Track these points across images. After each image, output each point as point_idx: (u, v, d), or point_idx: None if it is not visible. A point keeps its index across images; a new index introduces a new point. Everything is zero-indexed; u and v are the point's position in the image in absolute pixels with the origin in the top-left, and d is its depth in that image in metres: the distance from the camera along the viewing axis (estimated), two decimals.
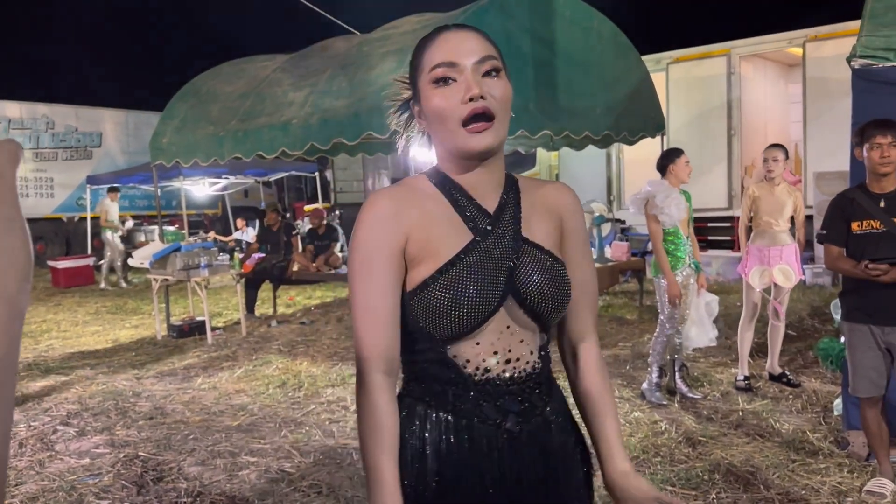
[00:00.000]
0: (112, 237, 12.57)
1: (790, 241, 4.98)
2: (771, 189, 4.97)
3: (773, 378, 5.10)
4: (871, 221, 3.29)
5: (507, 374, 1.25)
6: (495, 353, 1.24)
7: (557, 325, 1.38)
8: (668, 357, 4.98)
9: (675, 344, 4.95)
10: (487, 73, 1.21)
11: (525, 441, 1.26)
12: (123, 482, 3.87)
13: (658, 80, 9.69)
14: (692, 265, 4.84)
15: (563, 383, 1.43)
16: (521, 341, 1.27)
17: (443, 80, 1.20)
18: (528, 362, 1.27)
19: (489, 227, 1.26)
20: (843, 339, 4.20)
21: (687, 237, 4.82)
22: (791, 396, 4.79)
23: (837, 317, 4.91)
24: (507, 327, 1.25)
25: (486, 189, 1.28)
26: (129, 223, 13.61)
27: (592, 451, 1.41)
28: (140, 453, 4.29)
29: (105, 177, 14.87)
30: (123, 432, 4.71)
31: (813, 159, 9.16)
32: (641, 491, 1.28)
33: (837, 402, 4.25)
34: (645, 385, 4.89)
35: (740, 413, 4.50)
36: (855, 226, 3.33)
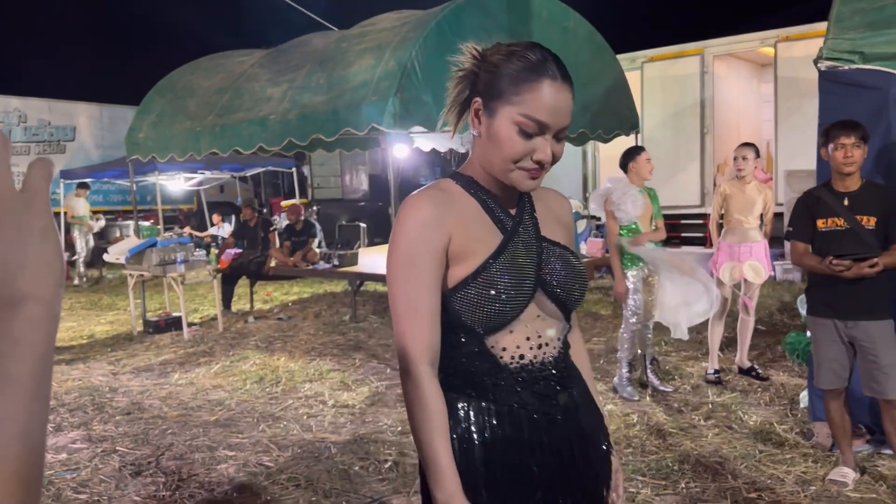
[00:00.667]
0: (78, 234, 12.39)
1: (760, 238, 5.11)
2: (742, 187, 5.09)
3: (743, 371, 5.23)
4: (836, 219, 3.40)
5: (539, 360, 1.37)
6: (528, 338, 1.36)
7: None
8: (640, 351, 5.07)
9: (646, 338, 5.05)
10: (558, 138, 1.31)
11: (561, 422, 1.38)
12: (101, 476, 3.88)
13: (633, 78, 9.82)
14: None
15: None
16: (551, 327, 1.40)
17: (526, 134, 1.27)
18: (555, 347, 1.40)
19: (515, 228, 1.38)
20: (808, 333, 4.32)
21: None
22: (759, 389, 4.92)
23: (803, 311, 5.04)
24: (538, 316, 1.37)
25: (507, 195, 1.40)
26: (101, 222, 13.33)
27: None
28: (118, 448, 4.30)
29: (79, 171, 14.69)
30: (100, 427, 4.71)
31: (784, 158, 9.33)
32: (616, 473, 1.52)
33: (804, 395, 4.38)
34: (616, 380, 4.98)
35: (710, 405, 4.61)
36: (820, 223, 3.44)
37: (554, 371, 1.39)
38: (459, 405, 1.34)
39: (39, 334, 0.51)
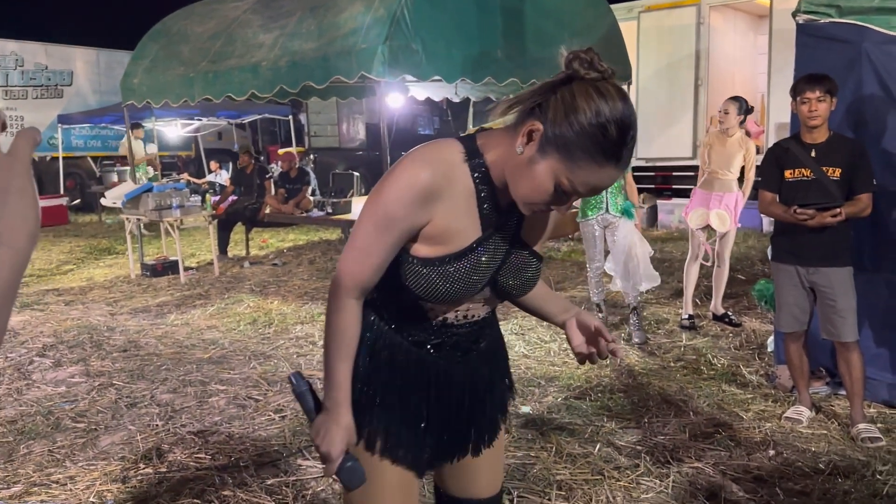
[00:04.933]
0: (143, 178, 12.15)
1: (735, 189, 5.23)
2: (724, 140, 5.20)
3: (717, 318, 5.41)
4: (803, 170, 3.52)
5: (461, 322, 1.50)
6: (457, 310, 1.48)
7: None
8: (626, 301, 5.17)
9: (634, 289, 5.12)
10: None
11: (461, 369, 1.54)
12: (98, 408, 4.10)
13: (629, 28, 9.79)
14: (615, 211, 4.99)
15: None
16: (483, 304, 1.52)
17: (560, 192, 1.28)
18: (481, 315, 1.53)
19: (496, 227, 1.41)
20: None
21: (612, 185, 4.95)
22: (731, 335, 5.11)
23: None
24: (475, 300, 1.48)
25: (507, 192, 1.38)
26: (150, 172, 12.82)
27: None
28: (114, 382, 4.51)
29: (76, 116, 14.72)
30: (98, 363, 4.91)
31: (775, 110, 9.36)
32: (592, 321, 1.58)
33: (770, 340, 4.57)
34: None
35: (681, 349, 4.81)
36: (788, 173, 3.57)
37: (470, 329, 1.52)
38: (375, 325, 1.49)
39: (4, 272, 0.61)
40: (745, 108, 5.28)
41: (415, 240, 1.37)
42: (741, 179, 5.38)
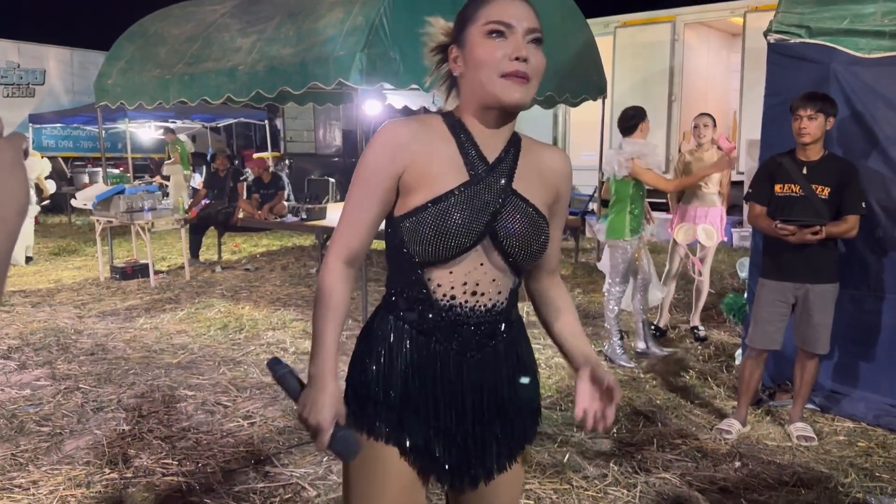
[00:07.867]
0: (172, 186, 11.96)
1: (718, 203, 5.32)
2: (701, 154, 5.30)
3: (693, 330, 5.47)
4: (792, 185, 3.56)
5: (469, 306, 1.42)
6: (464, 283, 1.40)
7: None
8: (635, 320, 5.13)
9: (638, 307, 5.08)
10: (531, 41, 1.36)
11: (474, 367, 1.44)
12: (64, 412, 4.03)
13: (605, 43, 9.92)
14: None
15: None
16: (493, 280, 1.42)
17: (496, 33, 1.35)
18: (491, 300, 1.43)
19: (483, 173, 1.41)
20: (745, 294, 4.56)
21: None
22: (701, 347, 5.17)
23: (743, 274, 5.29)
24: (481, 265, 1.41)
25: (491, 142, 1.43)
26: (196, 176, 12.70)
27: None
28: (81, 386, 4.44)
29: (49, 116, 14.51)
30: (64, 366, 4.84)
31: (747, 127, 9.52)
32: (608, 378, 1.46)
33: (738, 353, 4.63)
34: (609, 349, 4.89)
35: (651, 360, 4.85)
36: (778, 188, 3.60)
37: (482, 320, 1.43)
38: (392, 325, 1.45)
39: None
40: (714, 124, 5.43)
41: (399, 195, 1.40)
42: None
